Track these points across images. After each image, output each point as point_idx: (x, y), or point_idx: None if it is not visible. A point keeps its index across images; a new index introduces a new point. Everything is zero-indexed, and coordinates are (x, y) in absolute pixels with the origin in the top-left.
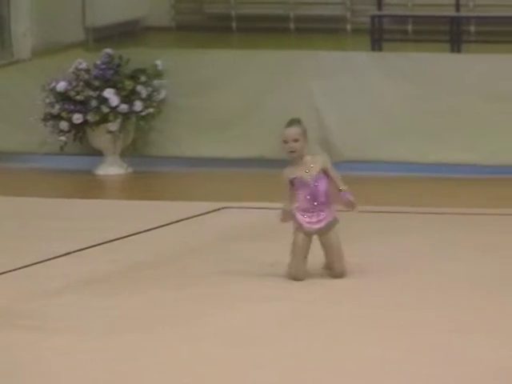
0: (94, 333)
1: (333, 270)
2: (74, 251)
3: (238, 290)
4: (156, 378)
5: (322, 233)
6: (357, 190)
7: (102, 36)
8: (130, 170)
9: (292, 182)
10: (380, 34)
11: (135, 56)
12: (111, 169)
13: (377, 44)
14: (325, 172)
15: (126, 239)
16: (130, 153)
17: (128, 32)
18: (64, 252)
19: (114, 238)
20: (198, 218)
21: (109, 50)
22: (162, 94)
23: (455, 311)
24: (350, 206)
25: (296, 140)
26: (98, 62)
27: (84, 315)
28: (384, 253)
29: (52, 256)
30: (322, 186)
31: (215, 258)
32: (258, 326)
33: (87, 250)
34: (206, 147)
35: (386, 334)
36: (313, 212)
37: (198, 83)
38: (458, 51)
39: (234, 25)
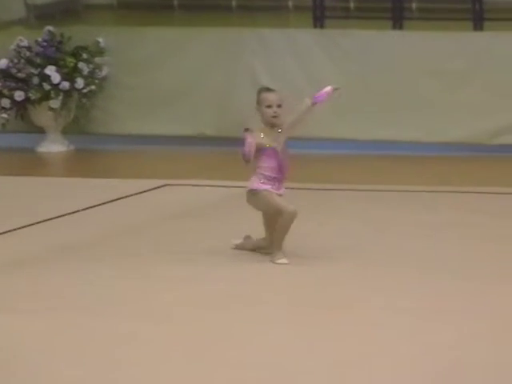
0: (29, 312)
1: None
2: (11, 230)
3: (175, 269)
4: (90, 357)
5: None
6: (300, 168)
7: (44, 13)
8: (72, 147)
9: (259, 147)
10: (322, 11)
11: (77, 33)
12: (53, 146)
13: (319, 21)
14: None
15: (65, 217)
16: (72, 130)
17: (69, 9)
18: (0, 231)
19: (53, 216)
20: (140, 195)
21: (50, 28)
22: (104, 72)
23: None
24: (332, 91)
25: (279, 106)
26: (40, 40)
27: (20, 294)
28: (325, 232)
29: None
30: (286, 158)
31: (155, 236)
32: (187, 306)
33: (25, 229)
34: (148, 125)
35: (313, 315)
36: (274, 183)
37: (139, 61)
38: (400, 28)
39: (175, 2)
